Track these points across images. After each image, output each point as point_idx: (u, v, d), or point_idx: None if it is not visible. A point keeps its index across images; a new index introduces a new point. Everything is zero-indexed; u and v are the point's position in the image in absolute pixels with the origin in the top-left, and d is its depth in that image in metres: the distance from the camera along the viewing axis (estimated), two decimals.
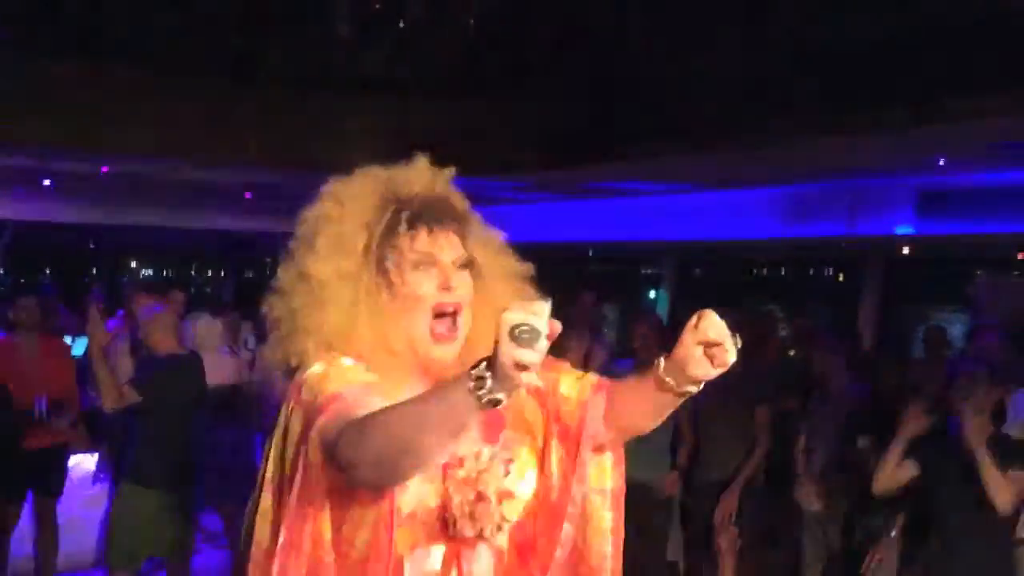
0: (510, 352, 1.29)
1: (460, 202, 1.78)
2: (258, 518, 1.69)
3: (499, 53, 8.35)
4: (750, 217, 8.56)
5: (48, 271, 17.43)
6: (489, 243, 1.80)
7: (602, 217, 10.03)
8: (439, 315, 1.67)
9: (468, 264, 1.71)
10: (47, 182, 8.89)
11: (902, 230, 7.59)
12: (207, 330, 5.71)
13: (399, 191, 1.73)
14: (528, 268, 1.83)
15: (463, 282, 1.69)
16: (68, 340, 6.36)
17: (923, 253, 8.49)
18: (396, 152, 1.82)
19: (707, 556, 5.37)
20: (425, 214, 1.69)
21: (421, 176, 1.76)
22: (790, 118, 5.72)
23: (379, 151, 1.89)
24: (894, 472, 3.95)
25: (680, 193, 8.78)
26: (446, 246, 1.69)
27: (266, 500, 1.69)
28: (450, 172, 1.79)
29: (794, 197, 8.09)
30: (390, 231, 1.68)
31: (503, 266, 1.80)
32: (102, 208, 9.65)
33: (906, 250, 8.32)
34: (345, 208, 1.72)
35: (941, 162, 6.30)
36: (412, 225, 1.68)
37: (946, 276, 9.31)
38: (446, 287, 1.67)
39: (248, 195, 9.92)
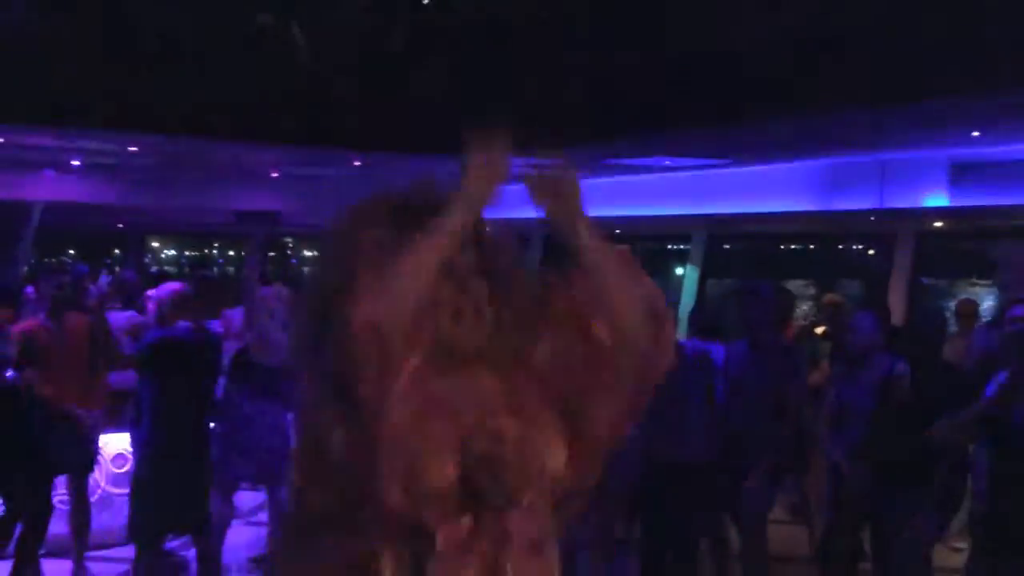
0: None
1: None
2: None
3: (518, 27, 8.29)
4: (779, 192, 8.48)
5: (72, 251, 17.57)
6: (502, 251, 1.89)
7: (628, 194, 9.97)
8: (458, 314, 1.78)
9: (482, 272, 1.81)
10: (76, 162, 8.95)
11: (934, 203, 7.48)
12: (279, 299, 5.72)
13: (415, 204, 1.82)
14: (532, 259, 1.92)
15: (479, 286, 1.80)
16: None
17: (955, 226, 8.38)
18: (416, 129, 1.87)
19: (736, 532, 5.36)
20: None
21: (433, 191, 1.86)
22: (820, 89, 5.63)
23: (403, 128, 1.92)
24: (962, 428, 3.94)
25: (708, 169, 8.71)
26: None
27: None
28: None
29: (824, 171, 8.00)
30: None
31: (517, 274, 1.88)
32: (130, 188, 9.70)
33: (938, 223, 8.22)
34: (355, 227, 1.83)
35: (975, 133, 6.20)
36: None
37: (978, 249, 9.21)
38: (462, 289, 1.78)
39: (275, 174, 9.95)
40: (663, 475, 4.98)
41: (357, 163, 8.34)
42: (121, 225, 15.71)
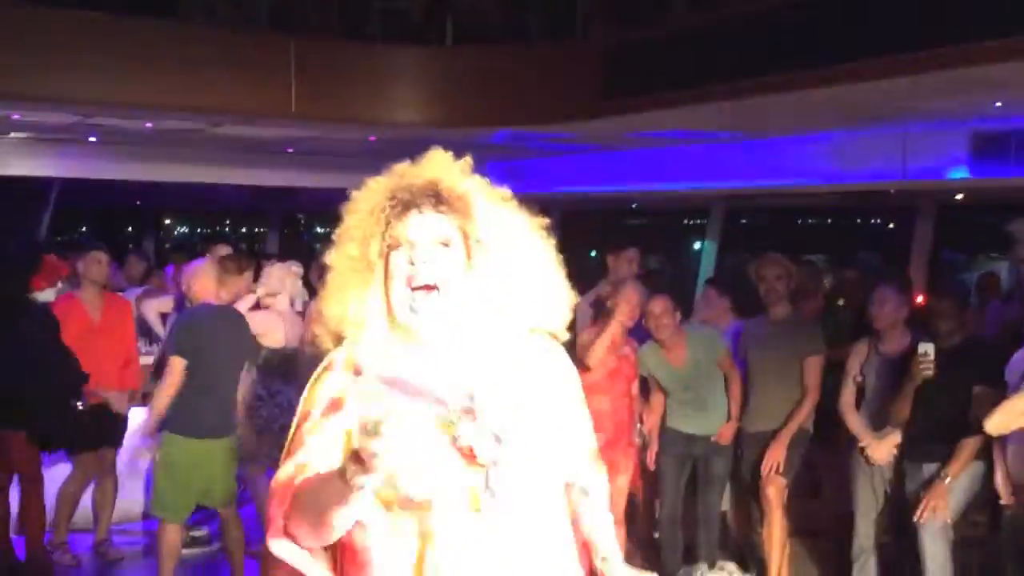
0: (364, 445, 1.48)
1: (455, 184, 1.86)
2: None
3: (541, 2, 8.25)
4: (798, 164, 8.40)
5: (84, 228, 17.53)
6: (502, 223, 1.87)
7: (646, 167, 9.91)
8: (416, 290, 1.79)
9: (448, 243, 1.81)
10: (93, 138, 8.95)
11: (955, 175, 7.40)
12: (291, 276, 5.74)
13: (401, 181, 1.85)
14: (548, 246, 1.92)
15: (439, 259, 1.80)
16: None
17: (977, 198, 8.29)
18: (435, 103, 1.87)
19: (755, 506, 5.36)
20: (411, 200, 1.82)
21: (431, 167, 1.87)
22: (839, 58, 5.57)
23: (420, 104, 1.94)
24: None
25: (725, 142, 8.64)
26: (419, 226, 1.81)
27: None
28: (465, 161, 1.90)
29: (843, 143, 7.92)
30: (381, 217, 1.82)
31: (511, 244, 1.86)
32: (147, 164, 9.70)
33: (959, 196, 8.13)
34: (359, 201, 1.87)
35: (997, 104, 6.11)
36: (395, 210, 1.81)
37: (1001, 222, 9.11)
38: (410, 262, 1.79)
39: (289, 149, 9.93)
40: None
41: (372, 138, 8.32)
42: (139, 202, 15.74)
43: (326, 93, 7.10)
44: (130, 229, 18.68)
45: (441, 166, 1.88)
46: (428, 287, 1.79)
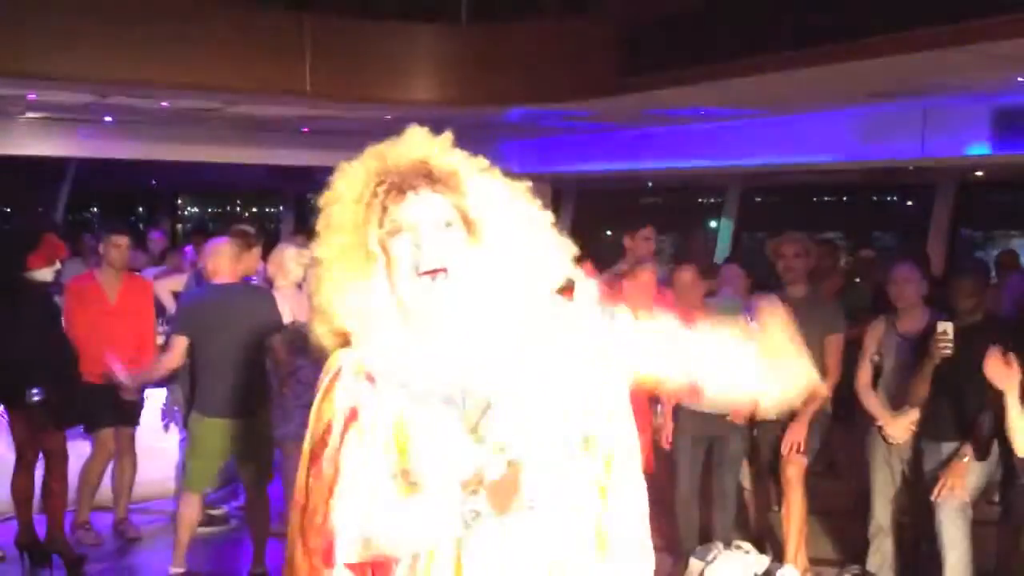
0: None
1: (444, 161, 1.79)
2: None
3: None
4: (815, 141, 8.33)
5: (95, 208, 17.48)
6: (492, 195, 1.81)
7: (663, 145, 9.85)
8: (425, 275, 1.72)
9: (451, 222, 1.75)
10: (108, 118, 8.96)
11: (975, 151, 7.33)
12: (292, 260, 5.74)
13: (386, 164, 1.77)
14: (544, 214, 1.85)
15: (444, 240, 1.73)
16: None
17: (998, 175, 8.21)
18: (451, 82, 1.83)
19: (774, 485, 5.34)
20: (403, 181, 1.74)
21: (410, 146, 1.80)
22: (857, 31, 5.50)
23: (436, 82, 1.90)
24: None
25: (745, 119, 8.57)
26: (418, 208, 1.73)
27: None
28: (445, 136, 1.82)
29: (862, 119, 7.84)
30: (372, 202, 1.74)
31: (508, 216, 1.81)
32: (162, 144, 9.71)
33: (979, 172, 8.06)
34: (339, 188, 1.78)
35: (1020, 79, 6.04)
36: (387, 193, 1.74)
37: (1021, 199, 9.04)
38: (416, 245, 1.72)
39: (305, 129, 9.92)
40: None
41: (388, 116, 8.29)
42: (155, 182, 15.76)
43: (341, 72, 7.08)
44: (141, 210, 18.67)
45: (424, 144, 1.81)
46: (438, 271, 1.72)
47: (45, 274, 5.09)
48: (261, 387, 4.89)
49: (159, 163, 10.82)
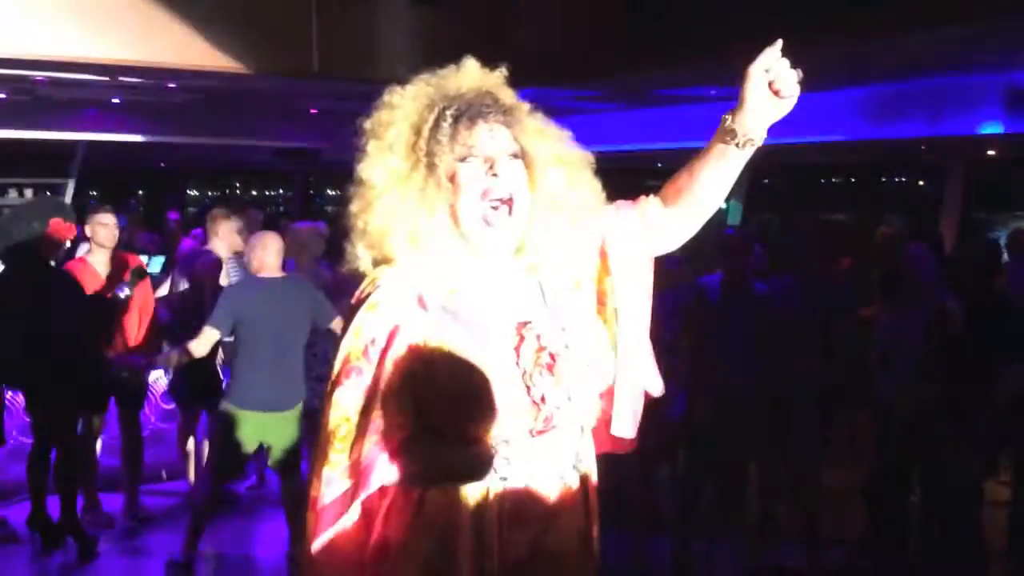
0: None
1: (508, 96, 1.83)
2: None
3: None
4: (825, 120, 8.27)
5: (94, 193, 17.41)
6: (543, 133, 1.83)
7: (670, 125, 9.80)
8: (492, 203, 1.74)
9: (517, 155, 1.76)
10: (116, 100, 8.95)
11: (988, 130, 7.27)
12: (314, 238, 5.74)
13: (447, 91, 1.79)
14: (588, 157, 1.87)
15: (512, 171, 1.76)
16: (145, 259, 6.44)
17: (1010, 154, 8.15)
18: (454, 61, 1.83)
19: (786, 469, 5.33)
20: (470, 109, 1.76)
21: (469, 76, 1.82)
22: (868, 9, 5.44)
23: (442, 61, 1.89)
24: None
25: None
26: (491, 138, 1.75)
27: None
28: (500, 71, 1.84)
29: (872, 97, 7.78)
30: (436, 128, 1.74)
31: (559, 155, 1.82)
32: (170, 126, 9.71)
33: (991, 152, 8.00)
34: (394, 112, 1.78)
35: None
36: (457, 120, 1.74)
37: None
38: (493, 174, 1.73)
39: (313, 111, 9.90)
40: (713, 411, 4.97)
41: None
42: (163, 164, 15.78)
43: (348, 51, 7.05)
44: (141, 192, 18.63)
45: (485, 75, 1.83)
46: (507, 193, 1.74)
47: (57, 257, 5.12)
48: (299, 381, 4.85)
49: (161, 145, 10.79)
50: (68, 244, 5.24)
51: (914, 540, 4.97)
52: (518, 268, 1.83)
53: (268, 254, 4.70)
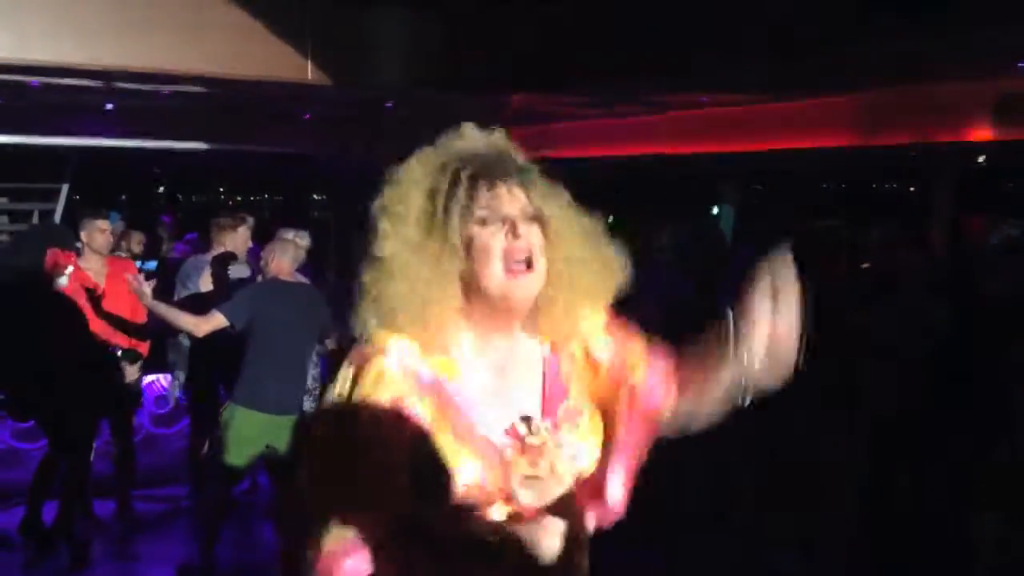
0: None
1: (519, 156, 1.79)
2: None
3: None
4: (815, 127, 8.31)
5: (77, 197, 17.29)
6: (555, 196, 1.78)
7: (662, 132, 9.82)
8: (515, 265, 1.69)
9: (535, 218, 1.72)
10: (109, 106, 8.94)
11: (978, 137, 7.31)
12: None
13: (459, 152, 1.74)
14: (597, 223, 1.82)
15: (532, 232, 1.71)
16: (138, 264, 6.44)
17: (1000, 162, 8.20)
18: (448, 70, 1.83)
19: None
20: (485, 170, 1.71)
21: (475, 137, 1.78)
22: (855, 18, 5.47)
23: (430, 68, 1.90)
24: None
25: (741, 105, 8.54)
26: (510, 199, 1.71)
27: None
28: (501, 132, 1.81)
29: (862, 105, 7.83)
30: (453, 191, 1.69)
31: (572, 219, 1.78)
32: (163, 132, 9.70)
33: (981, 159, 8.04)
34: (405, 183, 1.72)
35: (1021, 64, 6.03)
36: (473, 182, 1.69)
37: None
38: (515, 235, 1.68)
39: (307, 116, 9.90)
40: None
41: (388, 104, 8.29)
42: (158, 170, 15.76)
43: (342, 58, 7.06)
44: (123, 197, 18.55)
45: (489, 136, 1.80)
46: (527, 254, 1.69)
47: (60, 282, 5.17)
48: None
49: (148, 151, 10.77)
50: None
51: (909, 543, 4.98)
52: (530, 346, 1.79)
53: (286, 258, 4.79)
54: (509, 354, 1.76)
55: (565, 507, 1.72)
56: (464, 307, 1.71)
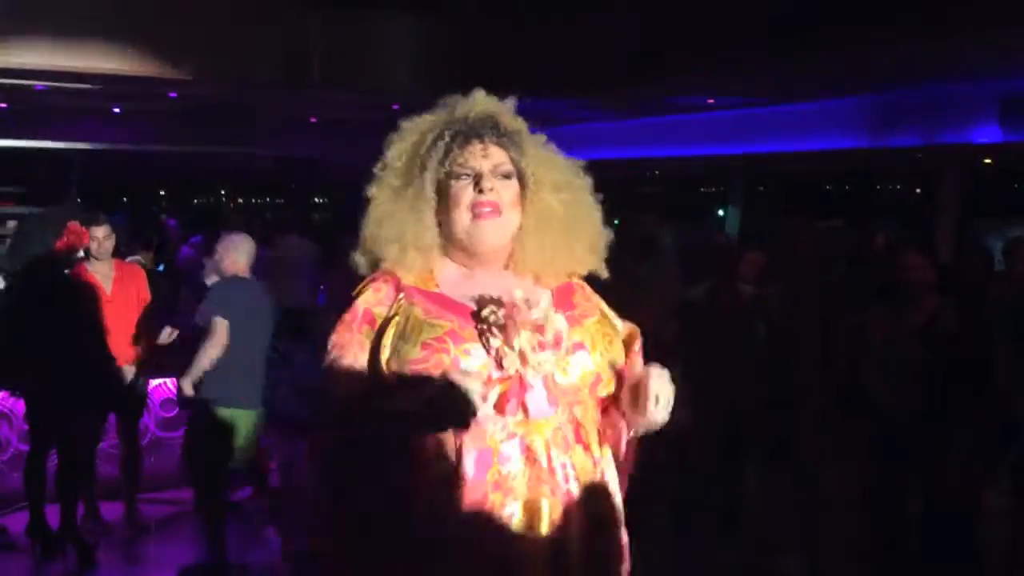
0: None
1: (511, 120, 1.94)
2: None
3: None
4: (821, 129, 8.31)
5: (79, 200, 17.33)
6: (545, 160, 1.93)
7: (668, 134, 9.83)
8: (477, 212, 1.85)
9: (509, 174, 1.87)
10: (116, 110, 8.98)
11: (984, 139, 7.30)
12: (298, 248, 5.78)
13: (451, 114, 1.92)
14: (587, 183, 1.98)
15: (501, 187, 1.86)
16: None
17: (1006, 163, 8.18)
18: (452, 73, 1.89)
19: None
20: (467, 131, 1.88)
21: (477, 103, 1.94)
22: (865, 20, 5.48)
23: (435, 72, 1.97)
24: None
25: (747, 107, 8.54)
26: (483, 156, 1.86)
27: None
28: (510, 101, 1.96)
29: (869, 107, 7.82)
30: (433, 147, 1.88)
31: (558, 181, 1.92)
32: (169, 135, 9.73)
33: (987, 160, 8.04)
34: (402, 137, 1.94)
35: None
36: (452, 140, 1.87)
37: None
38: (479, 189, 1.84)
39: (313, 119, 9.94)
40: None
41: (395, 107, 8.30)
42: (161, 173, 15.78)
43: (348, 62, 7.08)
44: (125, 199, 18.60)
45: (492, 102, 1.94)
46: (492, 206, 1.84)
47: (70, 262, 5.14)
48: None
49: (149, 153, 10.82)
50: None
51: (912, 548, 4.97)
52: (514, 282, 1.88)
53: (241, 255, 4.83)
54: (493, 287, 1.85)
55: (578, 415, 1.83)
56: (445, 247, 1.89)
